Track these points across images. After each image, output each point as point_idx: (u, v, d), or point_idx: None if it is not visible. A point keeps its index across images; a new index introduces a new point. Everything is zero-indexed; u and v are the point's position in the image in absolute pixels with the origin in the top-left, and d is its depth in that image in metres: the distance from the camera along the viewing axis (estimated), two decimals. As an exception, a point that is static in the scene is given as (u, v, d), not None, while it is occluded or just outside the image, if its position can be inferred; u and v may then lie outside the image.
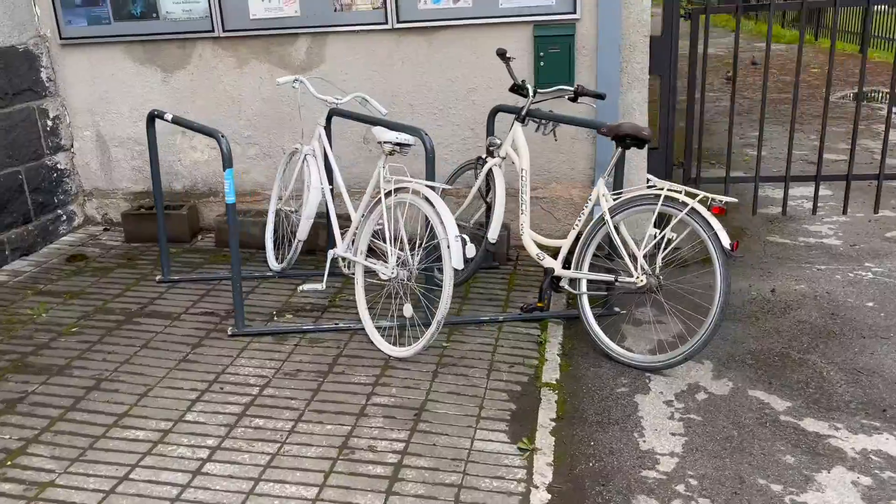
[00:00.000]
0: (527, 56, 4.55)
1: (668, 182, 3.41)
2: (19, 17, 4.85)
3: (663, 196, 3.34)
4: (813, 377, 3.26)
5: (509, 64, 4.00)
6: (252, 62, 4.89)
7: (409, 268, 3.51)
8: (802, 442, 2.83)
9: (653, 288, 3.44)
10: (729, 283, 3.22)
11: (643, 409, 3.07)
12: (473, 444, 2.83)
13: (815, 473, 2.66)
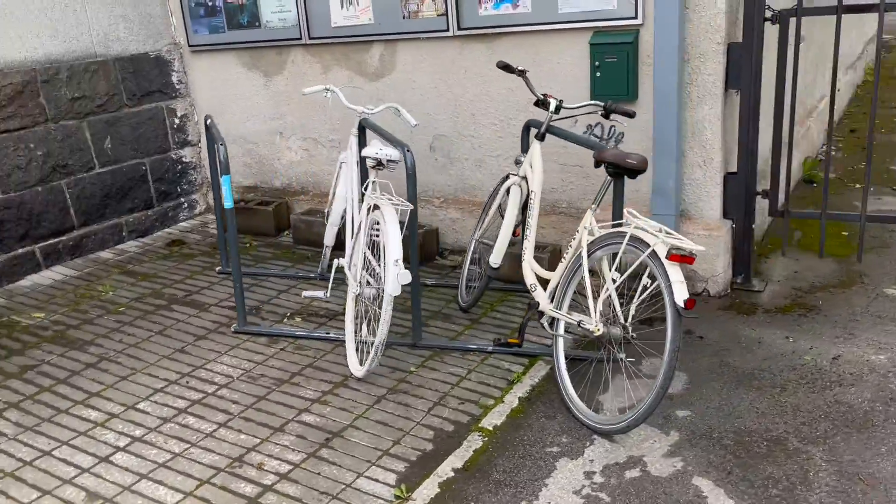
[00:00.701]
0: (585, 66, 4.17)
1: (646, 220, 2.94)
2: (154, 27, 5.52)
3: (629, 235, 2.89)
4: (791, 476, 2.62)
5: (525, 77, 3.70)
6: (335, 68, 5.06)
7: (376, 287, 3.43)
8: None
9: (615, 339, 3.00)
10: (678, 346, 2.70)
11: (556, 475, 2.70)
12: (355, 482, 2.72)
13: None
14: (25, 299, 4.44)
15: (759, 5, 3.74)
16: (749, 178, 4.04)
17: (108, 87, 5.22)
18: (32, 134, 4.79)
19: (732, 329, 3.73)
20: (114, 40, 5.25)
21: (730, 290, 4.17)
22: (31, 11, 4.76)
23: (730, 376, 3.30)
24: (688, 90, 3.97)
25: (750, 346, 3.55)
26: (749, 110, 3.91)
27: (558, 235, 4.52)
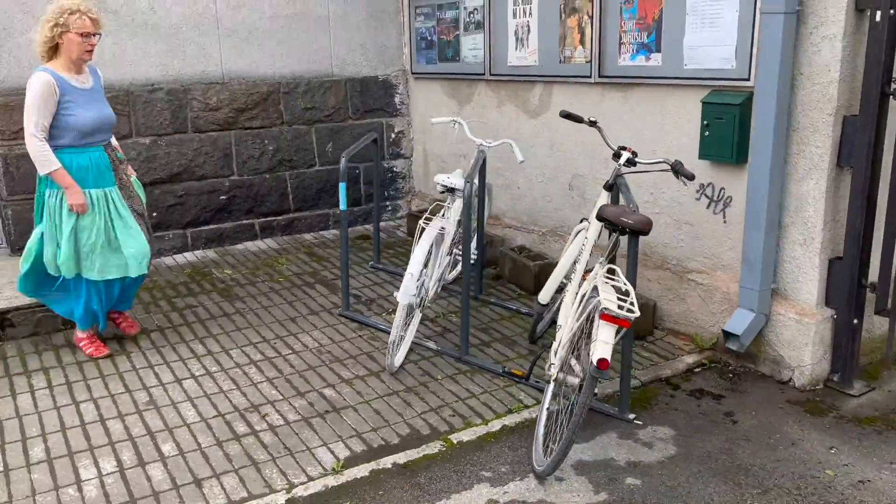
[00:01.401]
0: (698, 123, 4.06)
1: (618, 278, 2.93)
2: (387, 56, 6.51)
3: (592, 287, 2.93)
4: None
5: (598, 127, 3.80)
6: (507, 104, 5.51)
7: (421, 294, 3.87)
8: None
9: (570, 386, 3.04)
10: (586, 401, 2.69)
11: (463, 495, 2.89)
12: (316, 448, 3.23)
13: None
14: (231, 259, 5.70)
15: (880, 76, 3.34)
16: (855, 266, 3.58)
17: (337, 101, 6.33)
18: (268, 132, 6.07)
19: (777, 423, 3.40)
20: (349, 64, 6.35)
21: (821, 386, 3.74)
22: (288, 39, 6.03)
23: (719, 465, 3.09)
24: (794, 161, 3.67)
25: (778, 443, 3.23)
26: (861, 192, 3.49)
27: (661, 292, 4.42)
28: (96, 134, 3.79)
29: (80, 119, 3.68)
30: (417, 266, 3.62)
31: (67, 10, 3.60)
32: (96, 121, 3.76)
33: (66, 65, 3.70)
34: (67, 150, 3.70)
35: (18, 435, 3.31)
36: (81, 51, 3.66)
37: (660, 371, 3.92)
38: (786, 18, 3.43)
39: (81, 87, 3.73)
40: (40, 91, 3.57)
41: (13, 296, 4.41)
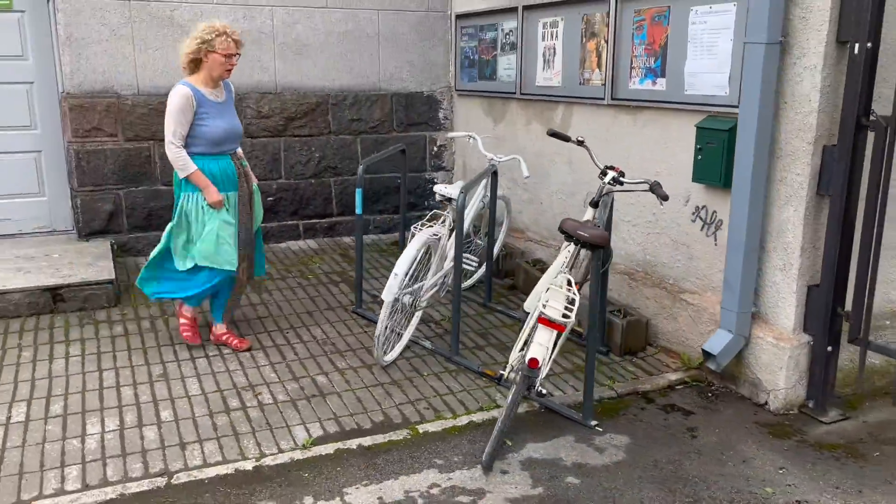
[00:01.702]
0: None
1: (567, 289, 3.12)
2: (434, 73, 6.84)
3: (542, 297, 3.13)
4: (579, 557, 2.64)
5: (585, 146, 4.00)
6: (533, 122, 5.73)
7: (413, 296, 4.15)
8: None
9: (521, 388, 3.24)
10: (517, 398, 2.88)
11: (411, 477, 3.14)
12: (294, 426, 3.56)
13: None
14: (272, 255, 6.15)
15: (859, 107, 3.38)
16: (831, 294, 3.61)
17: (382, 114, 6.71)
18: (316, 140, 6.51)
19: (737, 441, 3.48)
20: (396, 79, 6.73)
21: (795, 411, 3.78)
22: (338, 55, 6.46)
23: (662, 474, 3.21)
24: (777, 188, 3.75)
25: (729, 459, 3.32)
26: (838, 220, 3.53)
27: (657, 310, 4.53)
28: (225, 143, 4.10)
29: (211, 129, 3.99)
30: (402, 267, 3.91)
31: (215, 31, 3.93)
32: (226, 131, 4.07)
33: (205, 80, 4.01)
34: (200, 157, 4.01)
35: (45, 392, 3.80)
36: (222, 70, 3.99)
37: (639, 385, 4.04)
38: (767, 49, 3.53)
39: (215, 101, 4.05)
40: (179, 103, 3.90)
41: (69, 274, 4.98)
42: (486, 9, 6.17)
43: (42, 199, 6.06)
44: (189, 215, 4.07)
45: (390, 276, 3.91)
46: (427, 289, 4.33)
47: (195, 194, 4.03)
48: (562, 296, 3.13)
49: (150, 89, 5.87)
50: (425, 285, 4.30)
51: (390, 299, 3.89)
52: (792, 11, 3.56)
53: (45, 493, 2.99)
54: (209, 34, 3.92)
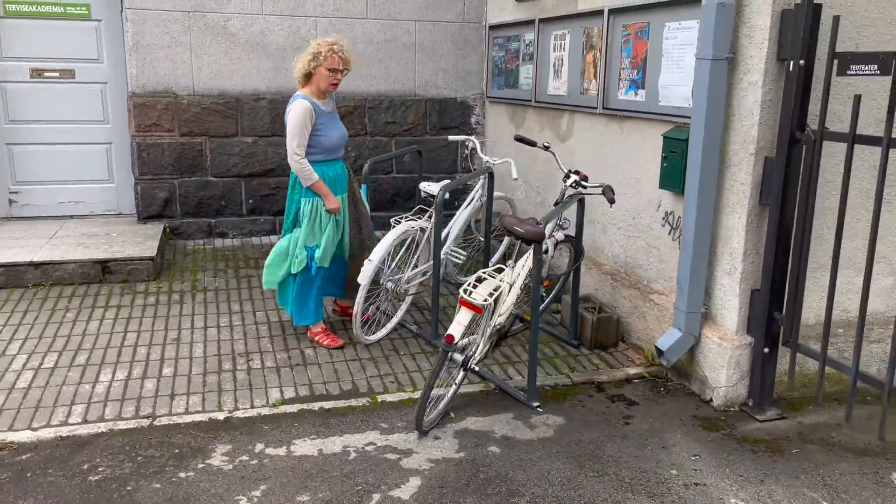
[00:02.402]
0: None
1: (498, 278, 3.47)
2: (468, 80, 7.26)
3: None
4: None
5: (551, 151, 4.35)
6: (546, 129, 6.05)
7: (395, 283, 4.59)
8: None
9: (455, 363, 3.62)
10: (436, 372, 3.25)
11: (355, 436, 3.58)
12: (270, 388, 4.07)
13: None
14: (305, 244, 6.72)
15: (793, 121, 3.57)
16: (770, 298, 3.79)
17: (416, 118, 7.18)
18: (352, 140, 7.05)
19: (665, 430, 3.72)
20: (431, 86, 7.19)
21: (735, 409, 3.97)
22: (377, 62, 6.98)
23: (579, 451, 3.51)
24: (726, 196, 3.96)
25: (649, 444, 3.58)
26: (775, 228, 3.71)
27: (630, 309, 4.77)
28: (337, 150, 4.46)
29: (327, 138, 4.34)
30: (377, 255, 4.35)
31: (325, 46, 4.23)
32: (338, 139, 4.43)
33: (316, 92, 4.31)
34: (317, 164, 4.33)
35: (76, 346, 4.48)
36: (327, 83, 4.28)
37: (596, 376, 4.33)
38: (713, 64, 3.75)
39: (327, 111, 4.38)
40: (302, 117, 4.19)
41: (119, 250, 5.72)
42: (512, 20, 6.53)
43: (111, 186, 6.89)
44: (307, 217, 4.41)
45: (365, 262, 4.36)
46: (410, 277, 4.76)
47: (316, 200, 4.38)
48: (491, 284, 3.49)
49: (203, 90, 6.58)
50: (406, 274, 4.72)
51: (364, 283, 4.33)
52: (740, 30, 3.77)
53: (52, 424, 3.62)
54: (318, 49, 4.24)
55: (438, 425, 3.70)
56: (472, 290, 3.41)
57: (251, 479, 3.21)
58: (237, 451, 3.42)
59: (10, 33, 6.35)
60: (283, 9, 6.65)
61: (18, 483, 3.14)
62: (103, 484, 3.15)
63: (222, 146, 6.70)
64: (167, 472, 3.24)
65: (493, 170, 5.22)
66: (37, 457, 3.34)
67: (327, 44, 4.26)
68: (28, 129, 6.55)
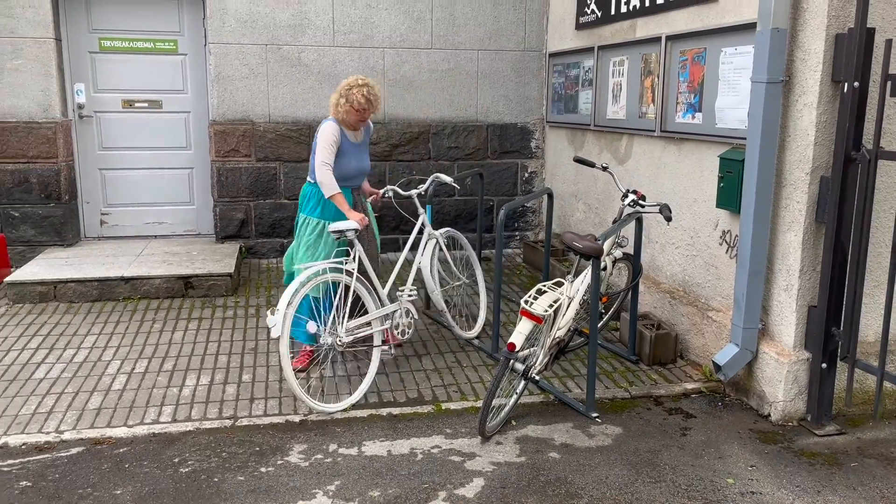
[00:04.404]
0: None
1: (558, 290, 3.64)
2: (528, 106, 7.50)
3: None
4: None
5: (609, 172, 4.49)
6: (604, 152, 6.21)
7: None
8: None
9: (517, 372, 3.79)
10: (498, 377, 3.43)
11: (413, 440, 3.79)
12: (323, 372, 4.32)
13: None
14: (371, 264, 7.02)
15: (848, 142, 3.67)
16: (824, 314, 3.86)
17: (478, 143, 7.44)
18: (417, 165, 7.35)
19: (722, 442, 3.81)
20: (492, 112, 7.45)
21: (794, 424, 4.03)
22: (440, 90, 7.29)
23: (636, 458, 3.63)
24: (782, 214, 4.06)
25: (706, 454, 3.68)
26: (832, 245, 3.80)
27: (688, 326, 4.87)
28: (353, 179, 4.56)
29: (344, 166, 4.46)
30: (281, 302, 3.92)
31: (352, 86, 4.38)
32: (356, 170, 4.55)
33: (344, 122, 4.49)
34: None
35: (163, 353, 4.84)
36: (354, 120, 4.45)
37: (653, 390, 4.44)
38: (768, 87, 3.89)
39: (354, 142, 4.53)
40: (330, 135, 4.37)
41: (199, 267, 6.11)
42: (571, 48, 6.75)
43: (191, 207, 7.34)
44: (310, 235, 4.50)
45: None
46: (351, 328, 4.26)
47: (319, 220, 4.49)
48: (551, 296, 3.67)
49: (278, 118, 6.99)
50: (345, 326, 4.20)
51: (275, 335, 3.84)
52: (795, 54, 3.90)
53: (144, 422, 3.94)
54: (347, 89, 4.41)
55: (500, 432, 3.88)
56: (533, 301, 3.60)
57: (326, 475, 3.45)
58: (312, 450, 3.67)
59: (105, 67, 6.89)
60: (353, 41, 7.03)
61: (118, 472, 3.45)
62: (193, 475, 3.44)
63: (294, 170, 7.08)
64: (249, 467, 3.51)
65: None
66: (133, 450, 3.65)
67: (358, 87, 4.40)
68: (119, 156, 7.06)
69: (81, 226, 7.08)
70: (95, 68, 6.87)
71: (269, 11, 6.82)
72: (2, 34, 6.38)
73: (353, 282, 4.24)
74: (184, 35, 6.98)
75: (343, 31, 6.99)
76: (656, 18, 5.33)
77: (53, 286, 5.77)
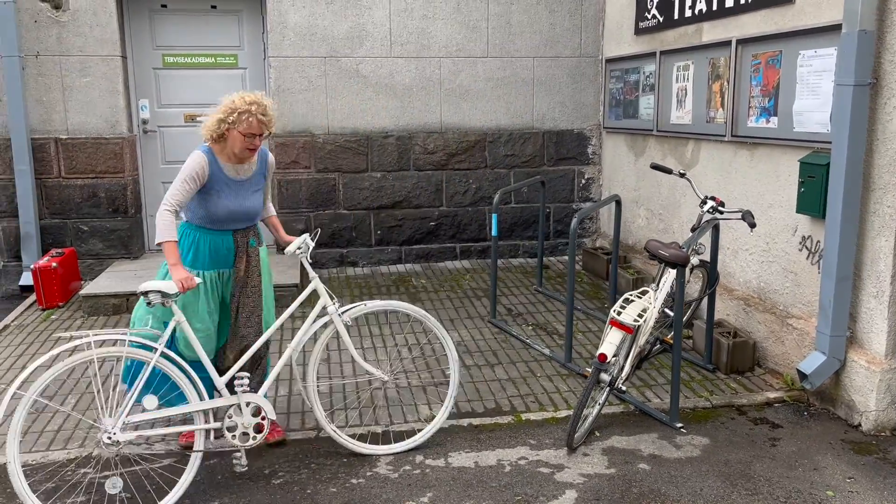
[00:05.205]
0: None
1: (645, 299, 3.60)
2: (583, 112, 7.46)
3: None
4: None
5: (687, 178, 4.44)
6: (668, 157, 6.15)
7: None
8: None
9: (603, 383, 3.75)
10: (589, 388, 3.38)
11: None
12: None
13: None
14: (430, 272, 7.04)
15: (943, 143, 3.57)
16: (919, 320, 3.76)
17: (534, 150, 7.42)
18: (473, 173, 7.35)
19: (815, 452, 3.73)
20: (548, 119, 7.42)
21: (887, 433, 3.94)
22: (496, 98, 7.29)
23: (729, 470, 3.58)
24: (871, 219, 3.97)
25: (800, 465, 3.61)
26: (926, 250, 3.70)
27: (766, 334, 4.79)
28: (228, 223, 3.62)
29: (214, 208, 3.55)
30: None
31: (238, 108, 3.46)
32: (231, 213, 3.58)
33: (228, 154, 3.56)
34: (196, 228, 3.63)
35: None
36: (242, 148, 3.51)
37: (735, 399, 4.36)
38: (855, 90, 3.81)
39: (233, 178, 3.58)
40: (190, 171, 3.46)
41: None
42: (630, 53, 6.70)
43: (251, 219, 7.41)
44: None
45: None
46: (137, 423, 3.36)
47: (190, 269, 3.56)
48: (639, 305, 3.63)
49: (337, 130, 7.04)
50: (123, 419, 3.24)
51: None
52: (883, 56, 3.82)
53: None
54: (231, 113, 3.47)
55: (585, 443, 3.85)
56: (622, 310, 3.57)
57: (417, 487, 3.44)
58: (399, 462, 3.67)
59: (168, 83, 7.01)
60: (409, 52, 7.06)
61: (211, 484, 3.49)
62: (285, 486, 3.46)
63: (353, 181, 7.13)
64: (340, 479, 3.52)
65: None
66: (223, 462, 3.69)
67: (244, 103, 3.48)
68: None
69: (146, 239, 7.20)
70: (159, 84, 7.00)
71: (327, 24, 6.88)
72: (71, 52, 6.53)
73: (155, 359, 3.25)
74: (244, 49, 7.08)
75: (400, 42, 7.03)
76: (724, 22, 5.27)
77: (126, 298, 5.87)
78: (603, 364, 3.49)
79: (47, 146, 6.61)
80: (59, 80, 6.56)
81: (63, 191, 6.69)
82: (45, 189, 6.66)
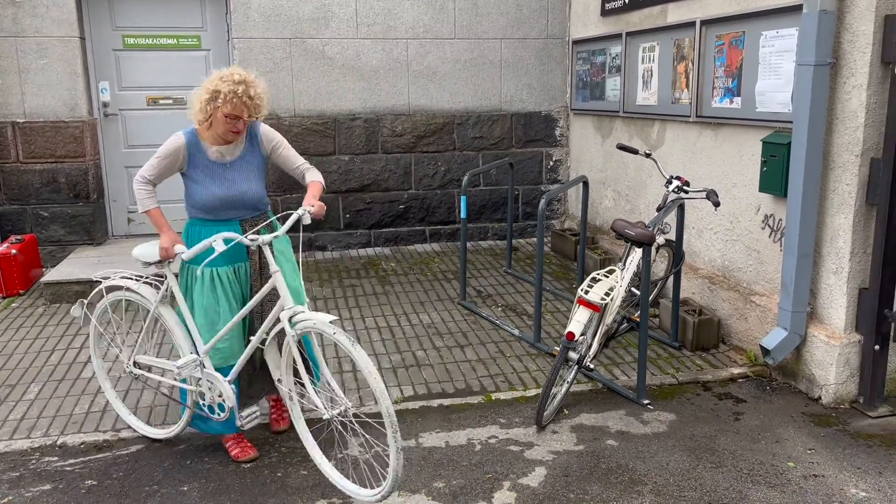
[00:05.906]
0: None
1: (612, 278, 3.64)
2: (551, 94, 7.48)
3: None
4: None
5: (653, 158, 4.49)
6: (635, 138, 6.20)
7: None
8: None
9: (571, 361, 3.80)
10: (556, 367, 3.42)
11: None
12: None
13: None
14: (399, 255, 7.03)
15: (899, 122, 3.66)
16: (876, 296, 3.86)
17: (502, 132, 7.42)
18: (442, 156, 7.34)
19: (777, 426, 3.82)
20: (516, 101, 7.42)
21: (845, 406, 4.04)
22: (464, 80, 7.27)
23: (694, 444, 3.65)
24: (830, 197, 4.05)
25: (763, 438, 3.69)
26: (884, 227, 3.79)
27: (730, 311, 4.87)
28: (223, 211, 3.42)
29: (201, 195, 3.39)
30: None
31: (222, 90, 3.25)
32: (222, 200, 3.40)
33: (213, 136, 3.41)
34: (196, 222, 3.48)
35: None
36: (226, 131, 3.34)
37: (700, 375, 4.45)
38: (815, 70, 3.87)
39: (218, 161, 3.40)
40: (166, 150, 3.39)
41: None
42: (596, 35, 6.73)
43: (217, 204, 7.32)
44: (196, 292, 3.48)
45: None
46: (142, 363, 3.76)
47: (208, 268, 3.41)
48: (606, 284, 3.67)
49: (304, 112, 6.97)
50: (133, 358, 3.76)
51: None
52: (842, 35, 3.88)
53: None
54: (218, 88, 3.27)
55: (554, 421, 3.89)
56: (589, 289, 3.61)
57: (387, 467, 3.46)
58: (371, 444, 3.68)
59: (129, 65, 6.86)
60: (376, 33, 7.00)
61: (181, 469, 3.47)
62: (256, 470, 3.45)
63: (321, 164, 7.06)
64: (310, 461, 3.51)
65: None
66: (191, 447, 3.67)
67: (231, 83, 3.25)
68: (144, 153, 7.04)
69: (109, 224, 7.07)
70: (119, 66, 6.85)
71: (292, 5, 6.79)
72: (27, 34, 6.36)
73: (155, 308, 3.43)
74: (207, 30, 6.95)
75: (366, 23, 6.97)
76: (688, 3, 5.31)
77: (89, 285, 5.77)
78: (571, 342, 3.52)
79: (4, 130, 6.44)
80: (14, 61, 6.39)
81: (21, 176, 6.54)
82: (3, 174, 6.50)
